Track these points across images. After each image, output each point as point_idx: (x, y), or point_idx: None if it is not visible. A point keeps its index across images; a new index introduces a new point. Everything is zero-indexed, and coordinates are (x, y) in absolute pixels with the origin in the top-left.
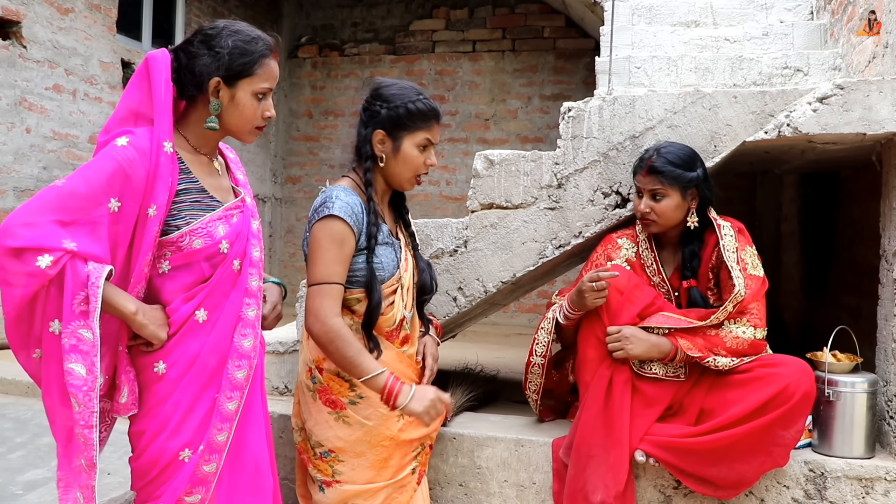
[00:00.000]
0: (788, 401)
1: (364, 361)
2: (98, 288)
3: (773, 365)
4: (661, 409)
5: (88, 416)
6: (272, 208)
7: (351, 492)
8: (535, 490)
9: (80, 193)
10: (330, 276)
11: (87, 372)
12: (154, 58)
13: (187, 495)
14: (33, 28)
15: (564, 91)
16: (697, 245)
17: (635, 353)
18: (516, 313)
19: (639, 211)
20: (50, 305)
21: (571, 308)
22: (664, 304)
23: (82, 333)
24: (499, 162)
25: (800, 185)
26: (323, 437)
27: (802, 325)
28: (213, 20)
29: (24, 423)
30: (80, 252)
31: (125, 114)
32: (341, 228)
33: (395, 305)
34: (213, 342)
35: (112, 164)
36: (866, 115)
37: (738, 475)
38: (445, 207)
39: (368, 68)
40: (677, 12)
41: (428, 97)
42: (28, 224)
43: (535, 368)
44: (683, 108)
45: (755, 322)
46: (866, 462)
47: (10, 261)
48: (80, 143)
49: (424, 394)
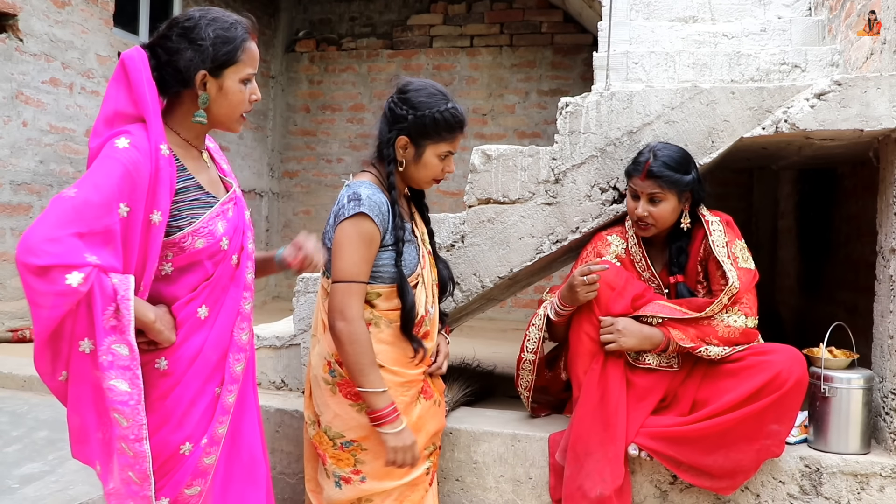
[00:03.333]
0: (781, 387)
1: (373, 374)
2: (129, 300)
3: (765, 353)
4: (655, 400)
5: (138, 429)
6: (269, 203)
7: (368, 490)
8: (532, 485)
9: (94, 203)
10: (358, 275)
11: (131, 386)
12: (130, 57)
13: (187, 488)
14: (30, 21)
15: (562, 86)
16: (685, 241)
17: (628, 346)
18: (513, 308)
19: (635, 215)
20: (79, 324)
21: (562, 304)
22: (655, 296)
23: (117, 349)
24: (496, 157)
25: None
26: (345, 428)
27: (799, 321)
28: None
29: (20, 416)
30: (102, 265)
31: (110, 115)
32: (370, 227)
33: (418, 300)
34: (214, 337)
35: (119, 168)
36: (864, 112)
37: (734, 463)
38: (442, 202)
39: (366, 63)
40: (675, 8)
41: (457, 105)
42: (51, 239)
43: (526, 365)
44: (681, 103)
45: (746, 311)
46: (862, 458)
47: (37, 280)
48: (76, 137)
49: (409, 438)
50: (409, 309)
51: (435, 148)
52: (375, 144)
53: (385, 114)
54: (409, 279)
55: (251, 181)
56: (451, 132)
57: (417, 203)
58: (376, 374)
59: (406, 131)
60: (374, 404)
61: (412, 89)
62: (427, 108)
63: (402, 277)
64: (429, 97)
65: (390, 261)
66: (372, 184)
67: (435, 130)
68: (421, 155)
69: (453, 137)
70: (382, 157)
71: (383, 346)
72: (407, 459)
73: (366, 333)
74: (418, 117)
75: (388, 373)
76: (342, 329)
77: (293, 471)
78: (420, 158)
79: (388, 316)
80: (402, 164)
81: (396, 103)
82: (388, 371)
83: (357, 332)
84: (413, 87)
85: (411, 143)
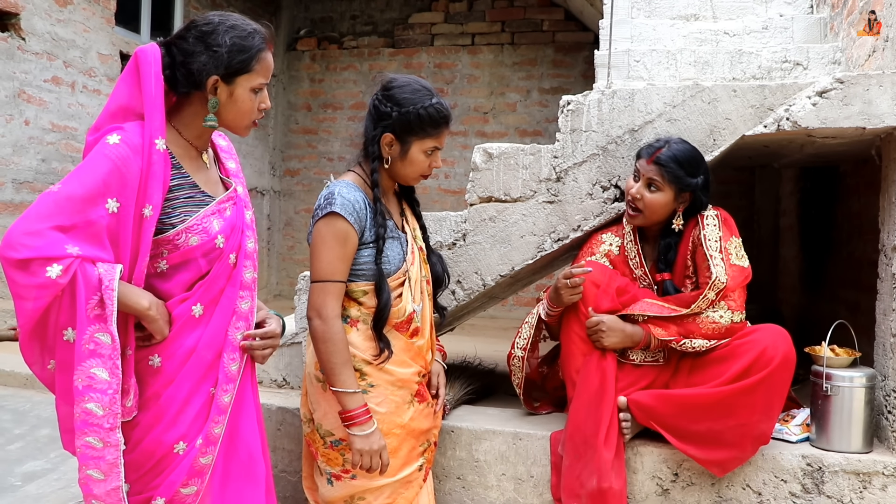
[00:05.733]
0: (769, 364)
1: (345, 373)
2: (112, 291)
3: (748, 333)
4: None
5: (113, 418)
6: (271, 201)
7: (359, 487)
8: (533, 483)
9: (76, 196)
10: (333, 274)
11: (110, 375)
12: (143, 52)
13: (183, 487)
14: (32, 20)
15: (563, 84)
16: (675, 238)
17: (609, 344)
18: (514, 307)
19: (629, 193)
20: (63, 314)
21: (551, 304)
22: (642, 292)
23: (100, 338)
24: (497, 155)
25: (799, 180)
26: (333, 426)
27: (801, 320)
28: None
29: (22, 414)
30: (87, 256)
31: (115, 110)
32: (343, 226)
33: (403, 298)
34: (208, 336)
35: (107, 163)
36: (866, 109)
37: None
38: (444, 201)
39: (367, 61)
40: (677, 6)
41: (441, 100)
42: (30, 233)
43: (516, 361)
44: (683, 101)
45: (732, 306)
46: (864, 456)
47: (19, 273)
48: (78, 136)
49: (377, 442)
50: (383, 307)
51: (421, 144)
52: (360, 142)
53: (370, 111)
54: (395, 275)
55: (253, 179)
56: (436, 127)
57: (408, 199)
58: (349, 373)
59: (391, 128)
60: (345, 404)
61: (396, 86)
62: (411, 105)
63: (381, 275)
64: (413, 93)
65: (371, 258)
66: (351, 183)
67: (420, 126)
68: (407, 151)
69: (438, 133)
70: (367, 154)
71: (372, 343)
72: (373, 464)
73: (341, 333)
74: (402, 114)
75: (378, 370)
76: (317, 327)
77: (295, 469)
78: (406, 155)
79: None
80: (388, 161)
81: (381, 100)
82: (378, 369)
83: (331, 331)
84: (397, 83)
85: (397, 140)
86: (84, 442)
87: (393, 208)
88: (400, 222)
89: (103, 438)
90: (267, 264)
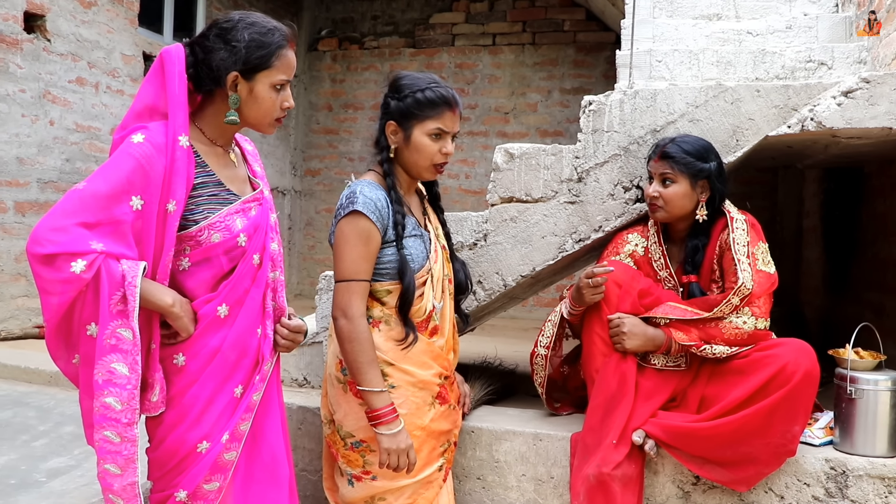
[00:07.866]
0: (789, 381)
1: (372, 372)
2: (135, 287)
3: (771, 347)
4: (661, 400)
5: (131, 413)
6: (292, 201)
7: (380, 488)
8: (553, 484)
9: (101, 194)
10: (357, 273)
11: (130, 370)
12: (168, 52)
13: (206, 483)
14: (57, 21)
15: (584, 85)
16: (703, 240)
17: (631, 347)
18: (535, 307)
19: (648, 195)
20: (87, 309)
21: (573, 304)
22: (664, 294)
23: (122, 333)
24: (519, 155)
25: (822, 180)
26: (354, 428)
27: (824, 322)
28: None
29: (47, 411)
30: (111, 252)
31: (141, 109)
32: (366, 225)
33: (425, 296)
34: (233, 336)
35: (131, 161)
36: (893, 109)
37: (744, 458)
38: (465, 201)
39: (388, 61)
40: (699, 5)
41: (442, 85)
42: (55, 229)
43: (539, 360)
44: (705, 101)
45: (756, 312)
46: (889, 461)
47: (44, 268)
48: (102, 136)
49: (404, 441)
50: (407, 289)
51: (421, 126)
52: (374, 140)
53: (381, 109)
54: (419, 273)
55: (274, 179)
56: (433, 108)
57: (433, 203)
58: (375, 372)
59: (392, 116)
60: (372, 403)
61: (398, 77)
62: (408, 90)
63: (404, 260)
64: (412, 81)
65: (394, 256)
66: (372, 182)
67: (417, 108)
68: (409, 137)
69: (438, 114)
70: (379, 148)
71: (394, 343)
72: (401, 463)
73: (366, 332)
74: (400, 99)
75: (400, 371)
76: (343, 327)
77: (315, 468)
78: (409, 140)
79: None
80: (395, 150)
81: (386, 94)
82: (399, 370)
83: (357, 331)
84: (400, 76)
85: (399, 127)
86: (102, 436)
87: (415, 207)
88: (422, 221)
89: (121, 433)
90: (288, 264)
